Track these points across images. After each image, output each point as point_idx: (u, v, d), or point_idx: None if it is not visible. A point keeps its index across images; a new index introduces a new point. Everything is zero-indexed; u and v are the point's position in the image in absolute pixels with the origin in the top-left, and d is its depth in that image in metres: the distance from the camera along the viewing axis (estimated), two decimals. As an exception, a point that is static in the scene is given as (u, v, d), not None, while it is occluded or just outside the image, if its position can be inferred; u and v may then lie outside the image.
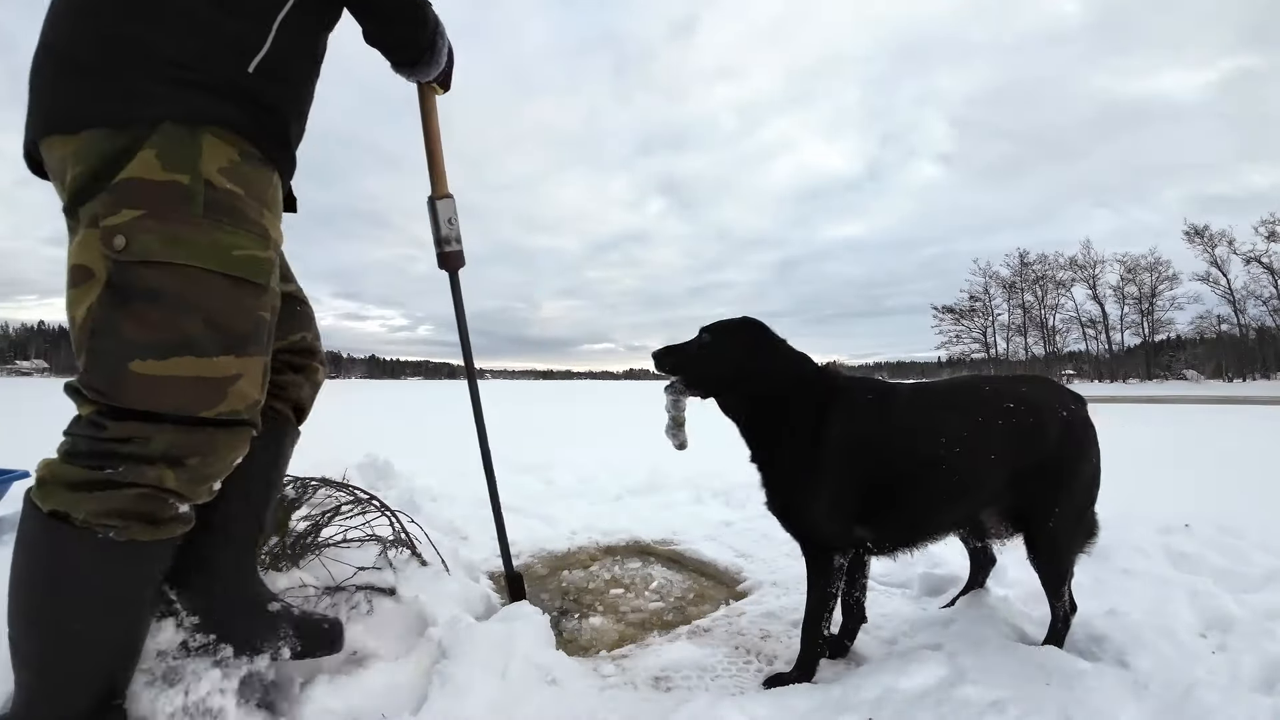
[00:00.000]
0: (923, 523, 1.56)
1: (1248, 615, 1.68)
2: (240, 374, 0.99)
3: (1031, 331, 51.77)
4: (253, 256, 0.99)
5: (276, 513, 1.51)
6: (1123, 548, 2.23)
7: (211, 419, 0.97)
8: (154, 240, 0.90)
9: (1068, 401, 1.59)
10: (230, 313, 0.97)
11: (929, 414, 1.53)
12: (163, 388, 0.92)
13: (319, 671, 1.32)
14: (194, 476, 0.97)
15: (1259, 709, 1.23)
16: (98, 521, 0.90)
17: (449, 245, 1.64)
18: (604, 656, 1.65)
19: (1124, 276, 47.03)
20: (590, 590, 2.16)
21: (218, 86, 0.96)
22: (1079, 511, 1.57)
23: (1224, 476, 4.41)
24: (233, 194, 0.96)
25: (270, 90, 1.03)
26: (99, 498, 0.90)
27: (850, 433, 1.49)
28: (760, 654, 1.66)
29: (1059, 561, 1.55)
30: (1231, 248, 40.87)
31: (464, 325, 1.72)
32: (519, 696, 1.32)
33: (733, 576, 2.28)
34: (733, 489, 3.47)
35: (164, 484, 0.93)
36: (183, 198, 0.92)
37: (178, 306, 0.92)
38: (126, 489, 0.91)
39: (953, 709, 1.30)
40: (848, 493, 1.48)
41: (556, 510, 3.03)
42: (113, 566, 0.93)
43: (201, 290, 0.93)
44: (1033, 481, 1.51)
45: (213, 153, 0.95)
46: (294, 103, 1.11)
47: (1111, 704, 1.27)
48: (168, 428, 0.93)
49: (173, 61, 0.93)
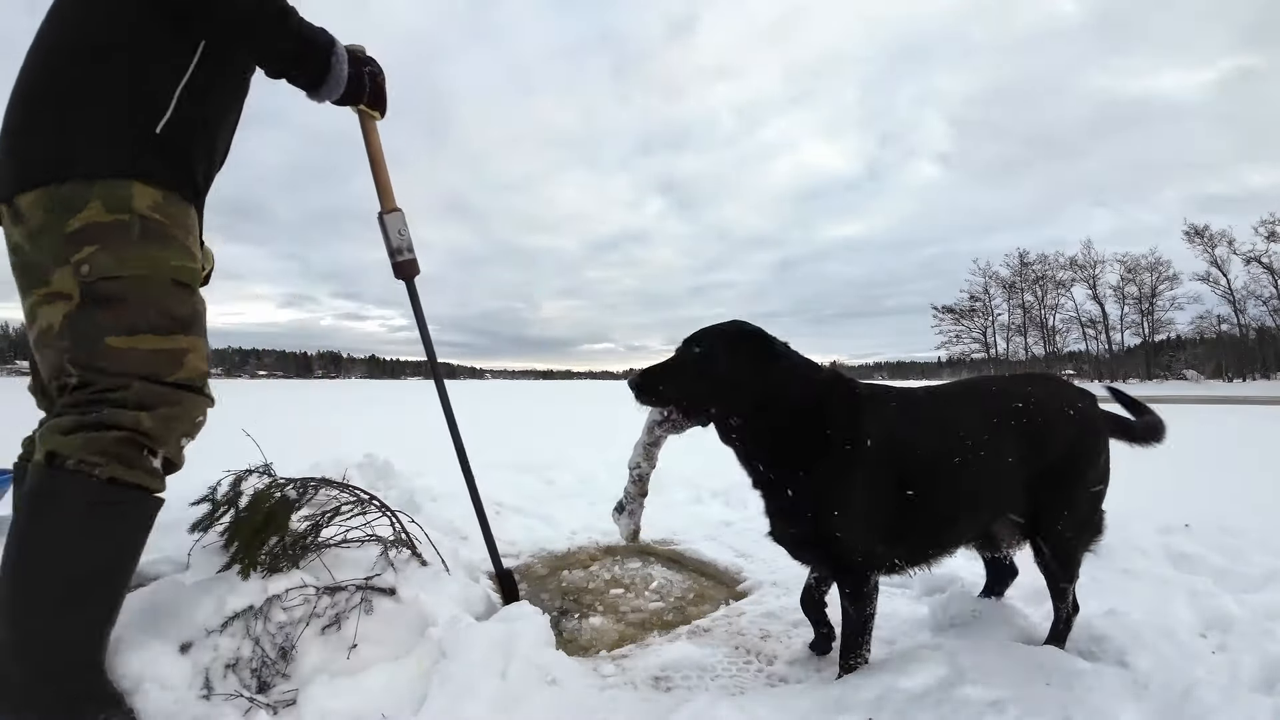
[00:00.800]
0: (948, 532, 1.51)
1: (1248, 615, 1.68)
2: (190, 349, 1.23)
3: (1031, 331, 51.78)
4: (183, 266, 1.24)
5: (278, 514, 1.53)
6: (1123, 548, 2.23)
7: (173, 382, 1.20)
8: (109, 260, 1.16)
9: (1075, 400, 1.56)
10: (174, 304, 1.22)
11: (953, 418, 1.49)
12: (132, 356, 1.16)
13: (319, 671, 1.32)
14: (165, 423, 1.18)
15: (1259, 709, 1.23)
16: (85, 459, 1.10)
17: (401, 255, 1.71)
18: (604, 656, 1.65)
19: (1124, 276, 47.03)
20: (590, 590, 2.16)
21: (131, 144, 1.20)
22: (1088, 512, 1.56)
23: (1224, 476, 4.41)
24: (161, 223, 1.22)
25: (177, 143, 1.25)
26: (86, 438, 1.11)
27: (888, 443, 1.39)
28: (760, 654, 1.66)
29: (1067, 563, 1.54)
30: (1231, 248, 40.87)
31: (425, 329, 1.81)
32: (519, 696, 1.32)
33: (733, 576, 2.28)
34: (733, 489, 3.47)
35: (140, 426, 1.14)
36: (123, 229, 1.17)
37: (135, 302, 1.17)
38: (109, 431, 1.12)
39: (953, 709, 1.30)
40: (884, 508, 1.39)
41: (556, 510, 3.03)
42: (96, 508, 1.11)
43: (150, 289, 1.19)
44: (1044, 483, 1.49)
45: (141, 195, 1.20)
46: (204, 145, 1.33)
47: (1111, 704, 1.27)
48: (138, 383, 1.16)
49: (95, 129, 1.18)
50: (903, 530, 1.43)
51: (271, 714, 1.22)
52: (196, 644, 1.29)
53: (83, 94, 1.18)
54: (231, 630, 1.33)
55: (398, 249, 1.71)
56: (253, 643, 1.32)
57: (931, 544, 1.52)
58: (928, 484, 1.42)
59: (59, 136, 1.16)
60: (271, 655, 1.33)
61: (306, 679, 1.30)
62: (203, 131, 1.33)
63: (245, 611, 1.36)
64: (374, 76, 1.53)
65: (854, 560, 1.40)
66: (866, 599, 1.42)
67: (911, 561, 1.52)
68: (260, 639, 1.33)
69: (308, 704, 1.23)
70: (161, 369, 1.19)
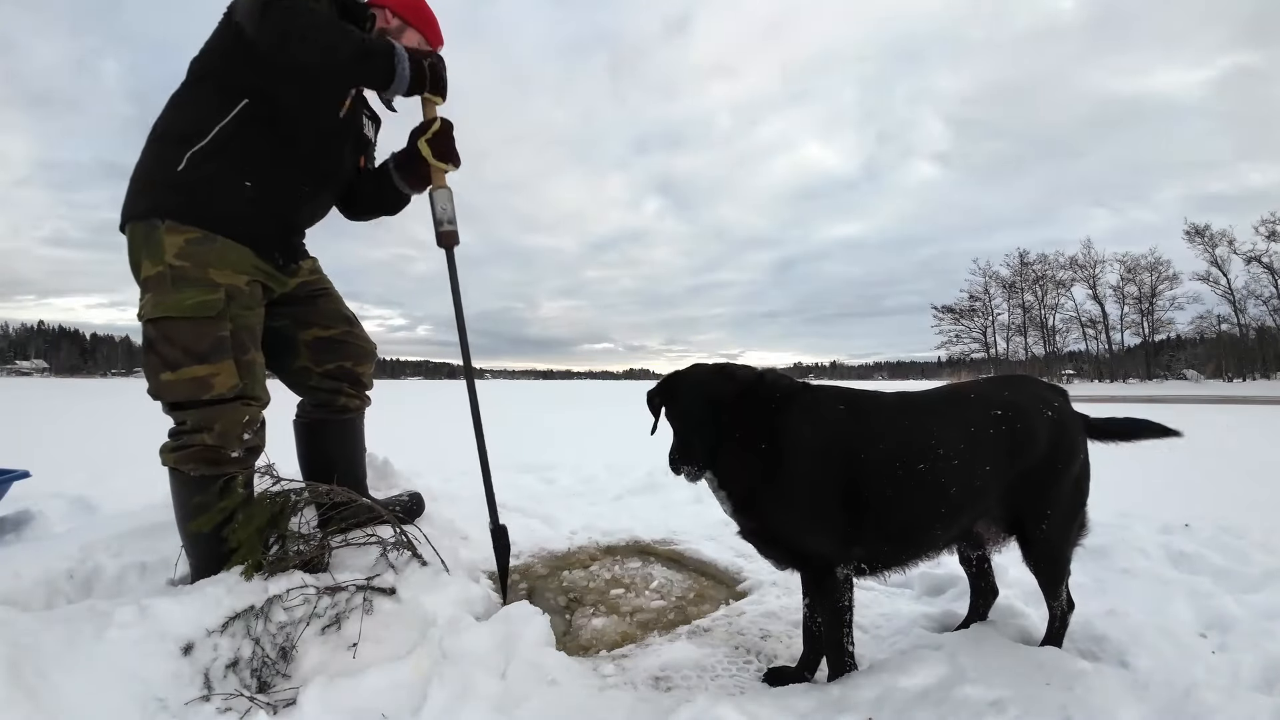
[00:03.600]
0: (917, 534, 1.49)
1: (1248, 615, 1.68)
2: (215, 373, 1.55)
3: (1031, 331, 51.73)
4: (199, 302, 1.53)
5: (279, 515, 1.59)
6: (1123, 548, 2.23)
7: (211, 400, 1.55)
8: (150, 306, 1.55)
9: (1051, 400, 1.56)
10: (194, 340, 1.54)
11: (916, 420, 1.48)
12: (178, 387, 1.55)
13: (319, 672, 1.32)
14: (221, 435, 1.56)
15: (1259, 709, 1.24)
16: (181, 466, 1.56)
17: (443, 226, 1.89)
18: (604, 656, 1.65)
19: (1124, 276, 46.95)
20: (590, 590, 2.16)
21: (157, 186, 1.56)
22: (1072, 511, 1.55)
23: (1224, 476, 4.41)
24: (183, 267, 1.53)
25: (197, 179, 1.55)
26: (177, 454, 1.56)
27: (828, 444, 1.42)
28: (760, 654, 1.66)
29: (1055, 562, 1.54)
30: (1232, 247, 40.79)
31: (458, 294, 1.94)
32: (519, 696, 1.32)
33: (733, 576, 2.28)
34: (733, 489, 3.47)
35: (206, 442, 1.55)
36: (161, 279, 1.53)
37: (168, 343, 1.54)
38: (189, 448, 1.56)
39: (953, 709, 1.30)
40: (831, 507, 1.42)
41: (557, 510, 3.03)
42: (194, 490, 1.55)
43: (174, 330, 1.54)
44: (1024, 486, 1.49)
45: (170, 245, 1.53)
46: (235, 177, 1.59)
47: (1111, 704, 1.27)
48: (192, 411, 1.56)
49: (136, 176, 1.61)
50: (861, 531, 1.43)
51: (271, 714, 1.22)
52: (197, 644, 1.29)
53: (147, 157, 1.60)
54: (231, 630, 1.33)
55: (440, 220, 1.88)
56: (253, 643, 1.32)
57: (899, 546, 1.49)
58: (880, 485, 1.41)
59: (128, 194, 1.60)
60: (271, 655, 1.33)
61: (306, 679, 1.30)
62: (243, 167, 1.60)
63: (245, 611, 1.36)
64: (434, 67, 1.71)
65: (809, 556, 1.45)
66: (828, 594, 1.43)
67: (882, 563, 1.50)
68: (260, 639, 1.33)
69: (308, 704, 1.23)
70: (198, 393, 1.54)
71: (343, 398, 1.95)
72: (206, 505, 1.52)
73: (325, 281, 1.95)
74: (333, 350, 1.90)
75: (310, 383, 1.91)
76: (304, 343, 1.86)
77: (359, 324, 2.00)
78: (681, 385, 1.53)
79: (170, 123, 1.60)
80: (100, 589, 1.72)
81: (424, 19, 1.87)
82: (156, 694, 1.21)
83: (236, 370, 1.57)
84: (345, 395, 1.95)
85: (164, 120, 1.62)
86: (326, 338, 1.89)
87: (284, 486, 1.65)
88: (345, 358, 1.92)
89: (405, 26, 1.83)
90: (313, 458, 1.97)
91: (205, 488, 1.54)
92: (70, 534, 2.05)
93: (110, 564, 1.79)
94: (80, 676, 1.18)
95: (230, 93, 1.57)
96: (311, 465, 1.96)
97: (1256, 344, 42.45)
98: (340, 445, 1.99)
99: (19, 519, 2.39)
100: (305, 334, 1.86)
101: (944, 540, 1.55)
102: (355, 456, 2.04)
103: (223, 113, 1.56)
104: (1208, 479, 4.21)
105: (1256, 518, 2.56)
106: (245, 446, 1.60)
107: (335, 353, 1.90)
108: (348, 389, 1.95)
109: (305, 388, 1.93)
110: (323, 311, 1.90)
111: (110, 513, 2.50)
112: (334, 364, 1.90)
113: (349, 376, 1.94)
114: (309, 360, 1.88)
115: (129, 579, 1.78)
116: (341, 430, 1.98)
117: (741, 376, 1.51)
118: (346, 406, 1.97)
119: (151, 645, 1.27)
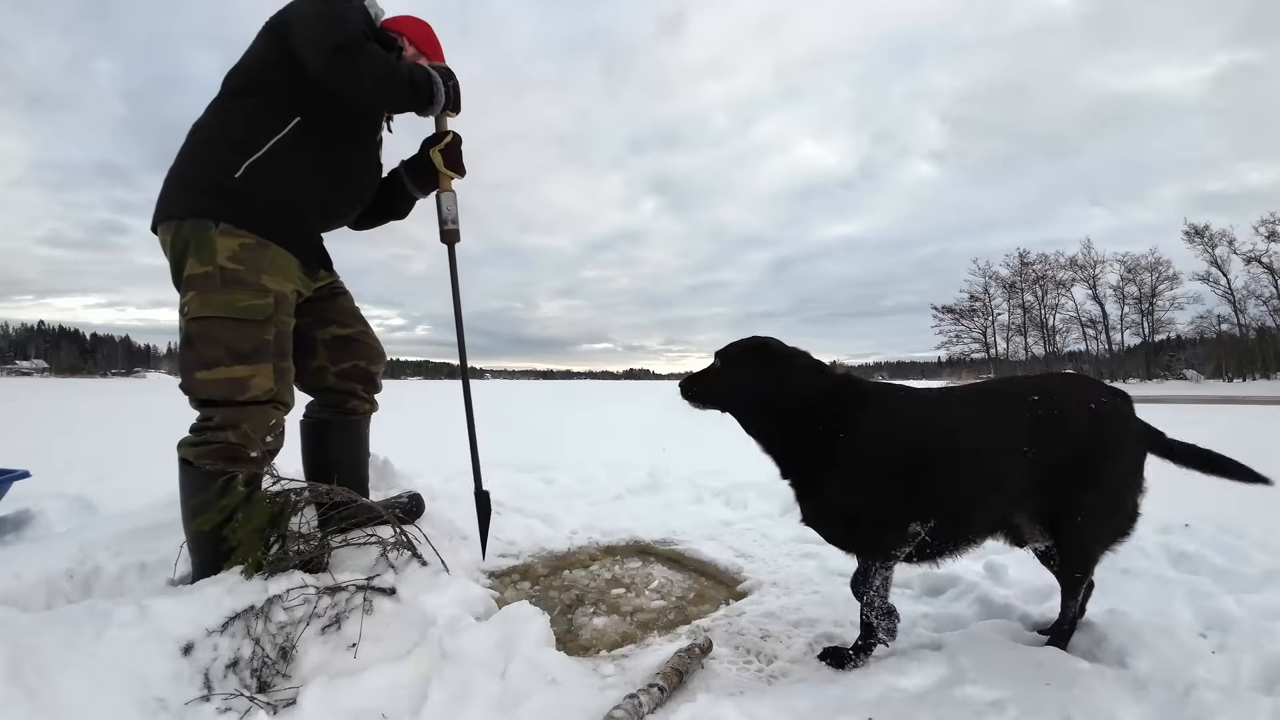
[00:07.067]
0: (961, 524, 1.54)
1: (1248, 615, 1.68)
2: (254, 375, 1.61)
3: (1031, 331, 51.66)
4: (250, 305, 1.61)
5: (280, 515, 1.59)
6: (1122, 547, 2.22)
7: (245, 400, 1.61)
8: (197, 305, 1.59)
9: (1100, 396, 1.55)
10: (236, 340, 1.59)
11: (961, 413, 1.55)
12: (213, 385, 1.59)
13: (319, 672, 1.32)
14: (246, 435, 1.60)
15: (1259, 709, 1.24)
16: (199, 461, 1.59)
17: (447, 225, 2.07)
18: (604, 656, 1.64)
19: (1124, 276, 46.87)
20: (590, 590, 2.16)
21: (210, 190, 1.62)
22: (1107, 510, 1.53)
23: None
24: (236, 270, 1.60)
25: (255, 189, 1.63)
26: (198, 449, 1.60)
27: (889, 437, 1.51)
28: (760, 654, 1.66)
29: (1080, 561, 1.54)
30: (1232, 247, 40.72)
31: (457, 287, 2.11)
32: (519, 696, 1.32)
33: (733, 576, 2.28)
34: (733, 489, 3.47)
35: (229, 440, 1.59)
36: (210, 279, 1.59)
37: (211, 342, 1.59)
38: (211, 444, 1.59)
39: (953, 709, 1.31)
40: (889, 497, 1.50)
41: (556, 510, 3.02)
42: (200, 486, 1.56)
43: (218, 329, 1.59)
44: (1059, 478, 1.49)
45: (223, 247, 1.59)
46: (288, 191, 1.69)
47: (1111, 704, 1.27)
48: (222, 409, 1.60)
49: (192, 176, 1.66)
50: (910, 518, 1.50)
51: (271, 714, 1.22)
52: (197, 644, 1.29)
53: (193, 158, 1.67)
54: (231, 630, 1.33)
55: (445, 219, 2.06)
56: (253, 643, 1.32)
57: (946, 533, 1.54)
58: (930, 475, 1.49)
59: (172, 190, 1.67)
60: (271, 655, 1.33)
61: (306, 679, 1.30)
62: (296, 182, 1.70)
63: (245, 611, 1.36)
64: (455, 89, 1.93)
65: (870, 542, 1.54)
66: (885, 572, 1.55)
67: (932, 550, 1.56)
68: (260, 639, 1.33)
69: (308, 704, 1.23)
70: (234, 393, 1.59)
71: (354, 400, 2.01)
72: (208, 504, 1.54)
73: (341, 281, 2.02)
74: (348, 349, 1.97)
75: (326, 383, 1.96)
76: (322, 341, 1.92)
77: (369, 326, 2.07)
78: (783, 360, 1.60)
79: (219, 130, 1.68)
80: (100, 589, 1.73)
81: (435, 50, 2.02)
82: (156, 694, 1.20)
83: (273, 374, 1.64)
84: (358, 398, 2.02)
85: (210, 126, 1.70)
86: (344, 336, 1.96)
87: (284, 486, 1.65)
88: (360, 357, 1.99)
89: (419, 55, 1.98)
90: (317, 458, 2.00)
91: (210, 485, 1.57)
92: (70, 534, 2.05)
93: (110, 564, 1.79)
94: (80, 676, 1.18)
95: (282, 110, 1.67)
96: (315, 465, 1.99)
97: (1256, 344, 42.42)
98: (345, 447, 2.04)
99: (19, 519, 2.39)
100: (323, 332, 1.92)
101: (988, 530, 1.59)
102: (360, 459, 2.09)
103: (276, 127, 1.66)
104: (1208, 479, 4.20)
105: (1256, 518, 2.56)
106: (266, 449, 1.65)
107: (351, 352, 1.97)
108: (361, 390, 2.02)
109: (321, 388, 1.98)
110: (342, 310, 1.98)
111: (110, 513, 2.50)
112: (349, 363, 1.97)
113: (363, 376, 2.01)
114: (325, 359, 1.94)
115: (129, 579, 1.78)
116: (347, 431, 2.04)
117: (831, 375, 1.63)
118: (356, 409, 2.03)
119: (151, 645, 1.27)
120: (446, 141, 1.98)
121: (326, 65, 1.60)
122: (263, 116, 1.67)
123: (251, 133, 1.65)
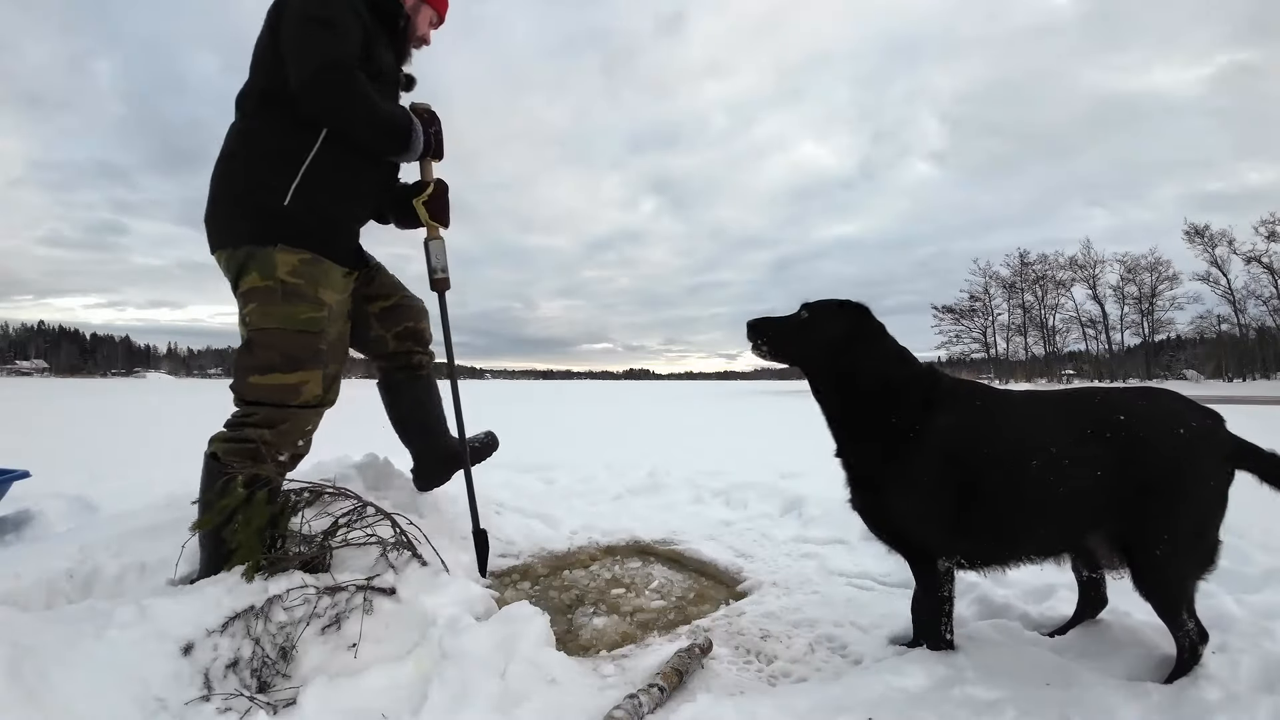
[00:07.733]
0: (1020, 536, 1.48)
1: (1248, 615, 1.67)
2: (306, 381, 1.71)
3: (1031, 331, 51.67)
4: (310, 318, 1.70)
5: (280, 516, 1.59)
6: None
7: (295, 404, 1.70)
8: (258, 315, 1.68)
9: (1190, 419, 1.42)
10: (297, 348, 1.69)
11: (1038, 422, 1.46)
12: (264, 389, 1.68)
13: (319, 672, 1.32)
14: (281, 435, 1.69)
15: (1259, 709, 1.24)
16: (226, 458, 1.63)
17: (437, 274, 2.09)
18: (604, 656, 1.64)
19: (1124, 276, 46.86)
20: (590, 590, 2.16)
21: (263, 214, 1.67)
22: (1191, 538, 1.40)
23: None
24: (297, 284, 1.68)
25: (305, 210, 1.69)
26: (228, 445, 1.65)
27: (957, 437, 1.45)
28: (760, 654, 1.66)
29: (1166, 590, 1.41)
30: (1232, 247, 40.72)
31: (449, 335, 2.14)
32: (519, 696, 1.32)
33: (733, 576, 2.28)
34: (733, 489, 3.47)
35: (264, 439, 1.65)
36: (270, 292, 1.67)
37: (270, 348, 1.67)
38: (244, 443, 1.64)
39: (952, 709, 1.30)
40: (945, 498, 1.45)
41: (556, 510, 3.02)
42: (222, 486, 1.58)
43: (278, 339, 1.68)
44: (1139, 501, 1.38)
45: (283, 263, 1.67)
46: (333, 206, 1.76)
47: (1111, 704, 1.27)
48: (266, 408, 1.68)
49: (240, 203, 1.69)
50: (968, 525, 1.45)
51: (271, 714, 1.22)
52: (197, 644, 1.29)
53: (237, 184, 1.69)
54: (231, 630, 1.33)
55: (435, 269, 2.08)
56: (253, 643, 1.32)
57: (1002, 545, 1.49)
58: (994, 483, 1.43)
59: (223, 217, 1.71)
60: (271, 655, 1.33)
61: (306, 679, 1.30)
62: (338, 195, 1.76)
63: (245, 611, 1.36)
64: (437, 135, 1.94)
65: (915, 543, 1.50)
66: (930, 582, 1.50)
67: (983, 560, 1.52)
68: (260, 639, 1.33)
69: (308, 704, 1.23)
70: (286, 398, 1.68)
71: (415, 356, 2.18)
72: (209, 505, 1.55)
73: (374, 259, 2.10)
74: (396, 315, 2.10)
75: (389, 349, 2.12)
76: (374, 315, 2.06)
77: (406, 288, 2.20)
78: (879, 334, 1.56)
79: (254, 151, 1.70)
80: (100, 589, 1.73)
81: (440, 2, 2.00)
82: (156, 694, 1.20)
83: (323, 380, 1.75)
84: (416, 353, 2.18)
85: (242, 148, 1.72)
86: (389, 306, 2.09)
87: (286, 486, 1.65)
88: (407, 319, 2.13)
89: (420, 4, 1.95)
90: (399, 411, 2.21)
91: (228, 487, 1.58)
92: (70, 534, 2.05)
93: (110, 564, 1.79)
94: (80, 676, 1.18)
95: (306, 120, 1.67)
96: (398, 418, 2.22)
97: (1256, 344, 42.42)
98: (418, 399, 2.23)
99: (19, 519, 2.39)
100: (373, 307, 2.05)
101: (1050, 546, 1.50)
102: (431, 405, 2.26)
103: (308, 143, 1.69)
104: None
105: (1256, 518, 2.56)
106: (295, 452, 1.74)
107: (399, 316, 2.11)
108: (415, 347, 2.17)
109: (386, 354, 2.14)
110: (383, 284, 2.09)
111: (110, 513, 2.50)
112: (400, 326, 2.11)
113: (414, 335, 2.15)
114: (381, 329, 2.08)
115: (129, 579, 1.78)
116: (416, 387, 2.22)
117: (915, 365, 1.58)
118: (421, 364, 2.20)
119: (151, 645, 1.27)
120: (429, 192, 1.98)
121: (307, 84, 1.57)
122: (291, 137, 1.68)
123: (285, 153, 1.68)
